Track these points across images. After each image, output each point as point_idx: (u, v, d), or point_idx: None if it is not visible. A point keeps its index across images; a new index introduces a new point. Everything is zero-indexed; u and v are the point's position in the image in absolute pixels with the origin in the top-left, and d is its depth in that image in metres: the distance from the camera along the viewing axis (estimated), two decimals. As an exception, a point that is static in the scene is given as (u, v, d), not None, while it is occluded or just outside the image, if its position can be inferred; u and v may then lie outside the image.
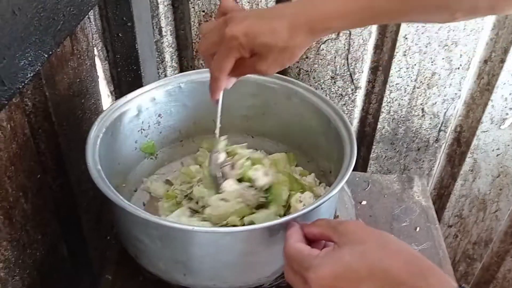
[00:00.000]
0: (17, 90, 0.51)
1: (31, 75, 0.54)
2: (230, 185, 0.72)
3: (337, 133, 0.74)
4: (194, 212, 0.74)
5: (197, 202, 0.75)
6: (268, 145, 0.90)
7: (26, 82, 0.53)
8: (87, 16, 0.82)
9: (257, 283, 0.63)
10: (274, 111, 0.85)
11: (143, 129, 0.84)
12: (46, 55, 0.57)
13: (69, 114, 0.78)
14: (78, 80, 0.79)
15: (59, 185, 0.77)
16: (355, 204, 0.93)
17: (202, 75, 0.83)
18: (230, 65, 0.57)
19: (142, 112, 0.81)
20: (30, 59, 0.53)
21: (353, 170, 1.21)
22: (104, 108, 0.82)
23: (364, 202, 0.95)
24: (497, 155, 1.13)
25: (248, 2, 0.95)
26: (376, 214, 0.93)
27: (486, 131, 1.10)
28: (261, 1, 0.95)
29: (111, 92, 0.96)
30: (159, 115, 0.84)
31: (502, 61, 0.99)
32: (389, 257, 0.44)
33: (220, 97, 0.66)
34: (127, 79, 0.93)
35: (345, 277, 0.44)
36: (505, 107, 1.05)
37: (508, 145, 1.11)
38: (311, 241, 0.52)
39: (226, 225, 0.69)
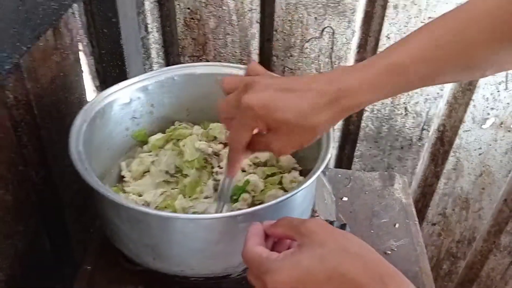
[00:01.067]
0: (-5, 82, 0.52)
1: (9, 67, 0.55)
2: None
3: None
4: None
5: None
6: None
7: (5, 74, 0.54)
8: (71, 11, 0.83)
9: (224, 273, 0.65)
10: None
11: (135, 117, 0.84)
12: (25, 48, 0.58)
13: (52, 108, 0.79)
14: (61, 74, 0.80)
15: (42, 178, 0.78)
16: (336, 200, 0.94)
17: (196, 69, 0.84)
18: (247, 136, 0.54)
19: (134, 100, 0.82)
20: (8, 51, 0.54)
21: (338, 167, 1.23)
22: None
23: (345, 198, 0.97)
24: (479, 154, 1.15)
25: (233, 0, 0.96)
26: (356, 210, 0.94)
27: (468, 131, 1.11)
28: (245, 0, 0.96)
29: (96, 87, 0.97)
30: (152, 105, 0.85)
31: (483, 61, 1.00)
32: (348, 261, 0.44)
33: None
34: (112, 74, 0.94)
35: (303, 281, 0.43)
36: (486, 107, 1.06)
37: (490, 145, 1.13)
38: (274, 241, 0.52)
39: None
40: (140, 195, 0.74)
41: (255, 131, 0.54)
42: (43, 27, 0.61)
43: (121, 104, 0.80)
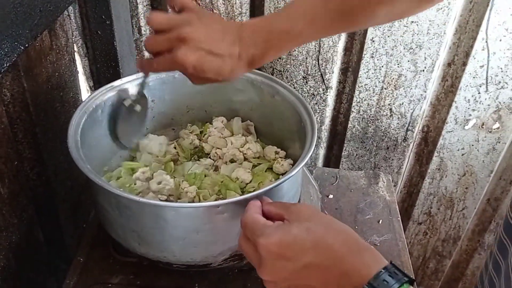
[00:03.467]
0: (-6, 78, 0.55)
1: (7, 65, 0.58)
2: None
3: (305, 130, 0.78)
4: None
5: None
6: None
7: (2, 71, 0.57)
8: (67, 13, 0.86)
9: (204, 261, 0.68)
10: (260, 107, 0.90)
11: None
12: (22, 47, 0.61)
13: (47, 106, 0.82)
14: (56, 73, 0.83)
15: (36, 173, 0.81)
16: (322, 198, 0.98)
17: None
18: (163, 69, 0.67)
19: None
20: (6, 50, 0.58)
21: (326, 166, 1.26)
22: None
23: (331, 196, 1.00)
24: (462, 155, 1.19)
25: (223, 4, 1.00)
26: (341, 207, 0.98)
27: (451, 131, 1.15)
28: (236, 3, 1.00)
29: (90, 87, 1.00)
30: (152, 101, 0.89)
31: (464, 64, 1.04)
32: (331, 235, 0.50)
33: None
34: (106, 75, 0.97)
35: (291, 246, 0.48)
36: (468, 108, 1.10)
37: (472, 145, 1.17)
38: (267, 218, 0.56)
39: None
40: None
41: None
42: (39, 28, 0.64)
43: (121, 100, 0.83)
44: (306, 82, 1.09)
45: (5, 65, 0.58)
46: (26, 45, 0.62)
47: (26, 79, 0.73)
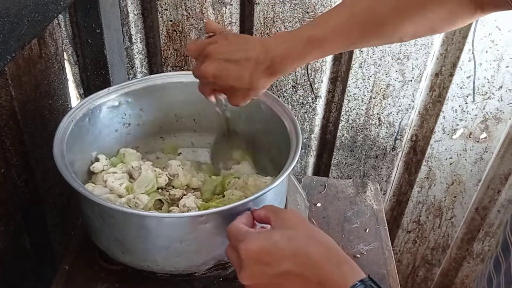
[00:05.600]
0: (-21, 87, 0.56)
1: (-6, 74, 0.59)
2: None
3: (289, 138, 0.78)
4: None
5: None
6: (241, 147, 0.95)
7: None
8: (57, 22, 0.87)
9: (188, 270, 0.69)
10: (247, 117, 0.90)
11: (124, 120, 0.89)
12: (9, 57, 0.61)
13: (36, 113, 0.82)
14: (45, 81, 0.84)
15: (24, 181, 0.82)
16: (310, 206, 0.98)
17: (184, 77, 0.88)
18: (209, 91, 0.71)
19: (123, 104, 0.86)
20: (-8, 59, 0.58)
21: (316, 175, 1.27)
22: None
23: (319, 204, 1.01)
24: (450, 164, 1.20)
25: (213, 13, 1.01)
26: (329, 216, 0.98)
27: (439, 141, 1.16)
28: (225, 12, 1.01)
29: (80, 95, 1.01)
30: (141, 109, 0.89)
31: (451, 74, 1.06)
32: (312, 245, 0.51)
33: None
34: (96, 83, 0.98)
35: (270, 252, 0.50)
36: (455, 118, 1.11)
37: (460, 155, 1.18)
38: (258, 222, 0.59)
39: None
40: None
41: None
42: (27, 37, 0.65)
43: (110, 107, 0.84)
44: (296, 91, 1.10)
45: (-9, 74, 0.59)
46: (13, 54, 0.63)
47: (14, 87, 0.74)
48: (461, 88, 1.07)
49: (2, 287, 0.77)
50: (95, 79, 0.98)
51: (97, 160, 0.83)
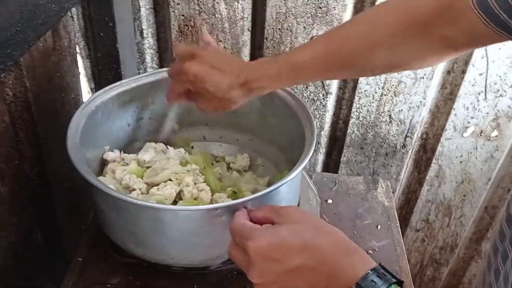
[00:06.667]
0: (-2, 76, 0.56)
1: (11, 63, 0.59)
2: None
3: (303, 133, 0.78)
4: None
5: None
6: (253, 141, 0.95)
7: (6, 69, 0.58)
8: (70, 14, 0.87)
9: (203, 264, 0.68)
10: (259, 111, 0.90)
11: (136, 114, 0.89)
12: (26, 46, 0.61)
13: (48, 106, 0.82)
14: (58, 74, 0.83)
15: (36, 173, 0.81)
16: (321, 202, 0.98)
17: None
18: (181, 88, 0.72)
19: (135, 97, 0.86)
20: (10, 49, 0.58)
21: (325, 171, 1.27)
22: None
23: (330, 201, 1.00)
24: (461, 162, 1.19)
25: (225, 8, 1.01)
26: (340, 212, 0.98)
27: (450, 139, 1.15)
28: (238, 8, 1.01)
29: (91, 89, 1.01)
30: (152, 103, 0.89)
31: (463, 72, 1.05)
32: (320, 236, 0.50)
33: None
34: (107, 77, 0.97)
35: (280, 248, 0.49)
36: (467, 116, 1.11)
37: (471, 153, 1.17)
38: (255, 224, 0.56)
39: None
40: None
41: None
42: (44, 28, 0.65)
43: (122, 101, 0.84)
44: (306, 87, 1.10)
45: (8, 63, 0.59)
46: (30, 44, 0.63)
47: (29, 79, 0.74)
48: (473, 85, 1.06)
49: (14, 279, 0.77)
50: (106, 73, 0.98)
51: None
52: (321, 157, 1.24)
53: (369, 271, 0.46)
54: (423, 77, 1.06)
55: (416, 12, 0.58)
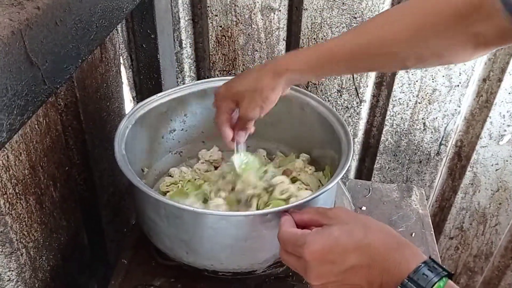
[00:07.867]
0: (55, 89, 0.60)
1: (67, 77, 0.62)
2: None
3: (339, 141, 0.80)
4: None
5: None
6: (282, 150, 0.97)
7: (62, 83, 0.62)
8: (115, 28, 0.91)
9: (250, 268, 0.70)
10: (288, 119, 0.92)
11: (170, 126, 0.92)
12: (80, 61, 0.65)
13: (95, 115, 0.86)
14: (105, 84, 0.88)
15: (83, 179, 0.86)
16: (355, 209, 0.99)
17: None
18: (224, 118, 0.74)
19: (170, 109, 0.89)
20: (67, 63, 0.62)
21: (358, 178, 1.28)
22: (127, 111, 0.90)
23: (364, 208, 1.01)
24: (496, 170, 1.18)
25: (262, 19, 1.03)
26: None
27: (485, 147, 1.15)
28: (273, 18, 1.03)
29: (133, 98, 1.05)
30: (185, 115, 0.92)
31: (500, 80, 1.05)
32: (371, 234, 0.52)
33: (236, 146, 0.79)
34: (148, 86, 1.02)
35: (334, 250, 0.51)
36: (503, 124, 1.10)
37: (507, 161, 1.16)
38: (301, 227, 0.59)
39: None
40: None
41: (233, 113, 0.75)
42: (95, 42, 0.69)
43: (159, 113, 0.87)
44: (341, 95, 1.11)
45: (65, 77, 0.62)
46: (84, 58, 0.66)
47: (79, 90, 0.78)
48: (509, 93, 1.06)
49: (60, 280, 0.81)
50: (147, 82, 1.02)
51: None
52: (354, 164, 1.25)
53: (421, 264, 0.48)
54: (458, 85, 1.06)
55: (455, 4, 0.57)
